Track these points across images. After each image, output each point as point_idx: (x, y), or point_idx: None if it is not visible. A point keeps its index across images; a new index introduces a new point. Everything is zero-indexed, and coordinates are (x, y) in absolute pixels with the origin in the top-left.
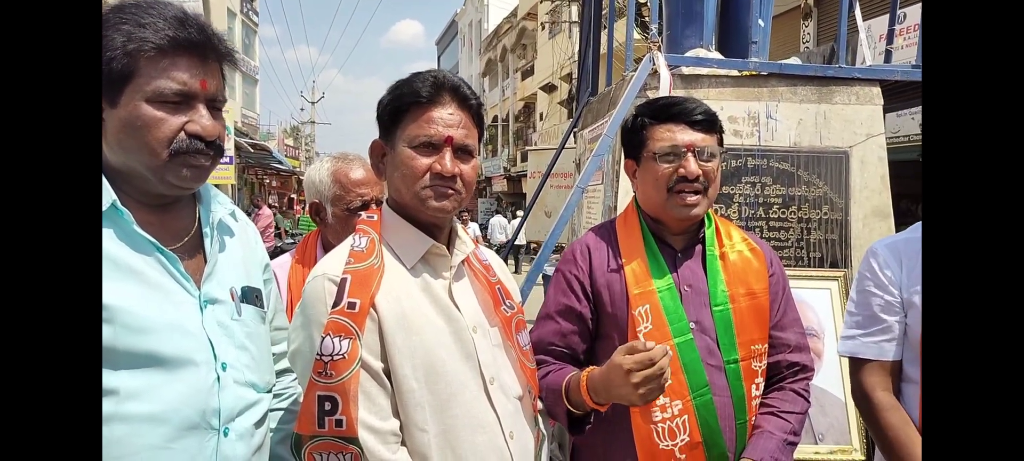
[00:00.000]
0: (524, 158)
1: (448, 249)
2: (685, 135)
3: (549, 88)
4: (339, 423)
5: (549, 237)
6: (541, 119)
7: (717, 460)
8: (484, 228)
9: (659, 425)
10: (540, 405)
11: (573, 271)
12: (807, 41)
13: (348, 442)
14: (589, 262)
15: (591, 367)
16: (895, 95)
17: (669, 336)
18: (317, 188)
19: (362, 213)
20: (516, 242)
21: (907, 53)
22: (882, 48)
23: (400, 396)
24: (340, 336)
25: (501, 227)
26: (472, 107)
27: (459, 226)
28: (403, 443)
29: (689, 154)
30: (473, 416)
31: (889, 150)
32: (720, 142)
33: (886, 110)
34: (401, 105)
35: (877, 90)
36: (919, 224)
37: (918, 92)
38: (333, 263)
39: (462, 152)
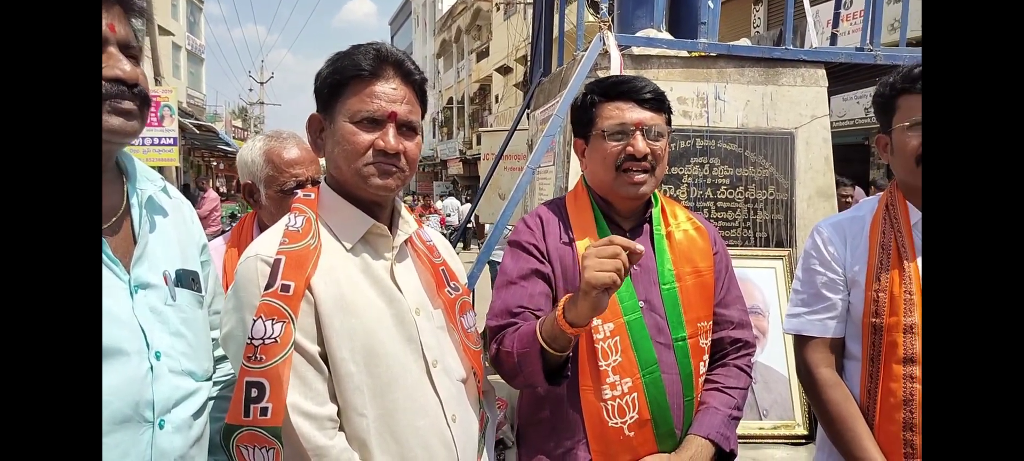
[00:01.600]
0: (480, 141)
1: (390, 229)
2: (634, 113)
3: (505, 70)
4: (264, 411)
5: (500, 218)
6: (497, 101)
7: (665, 437)
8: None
9: (609, 403)
10: (485, 387)
11: (529, 239)
12: (757, 26)
13: (272, 435)
14: (542, 231)
15: None
16: (839, 78)
17: (620, 314)
18: (249, 168)
19: (298, 194)
20: (468, 225)
21: (853, 39)
22: (829, 33)
23: (338, 380)
24: (272, 319)
25: (455, 209)
26: (416, 82)
27: (402, 205)
28: (341, 429)
29: (637, 132)
30: (414, 400)
31: (835, 134)
32: (668, 122)
33: (831, 93)
34: (342, 78)
35: (822, 72)
36: (864, 202)
37: (862, 76)
38: (266, 243)
39: (406, 128)
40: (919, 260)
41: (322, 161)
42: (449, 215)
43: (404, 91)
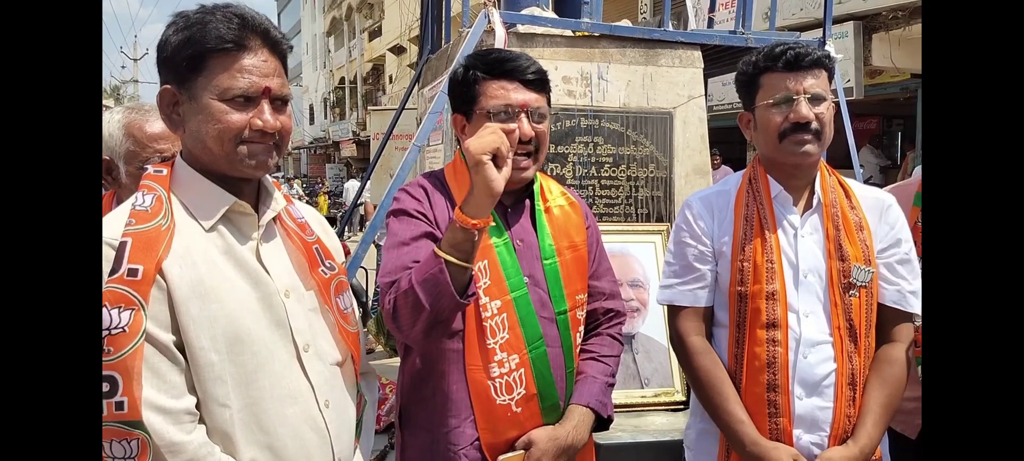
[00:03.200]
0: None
1: (256, 207)
2: (519, 94)
3: (398, 50)
4: (120, 406)
5: (385, 197)
6: (391, 82)
7: (550, 410)
8: (338, 195)
9: (496, 381)
10: (363, 369)
11: (416, 207)
12: (644, 11)
13: (132, 427)
14: (429, 200)
15: None
16: (715, 61)
17: (507, 291)
18: (107, 144)
19: (148, 169)
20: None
21: (730, 25)
22: (707, 18)
23: (196, 371)
24: (119, 307)
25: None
26: (283, 52)
27: (269, 181)
28: (202, 421)
29: (523, 114)
30: (283, 387)
31: (717, 116)
32: (549, 101)
33: (708, 76)
34: (202, 50)
35: (698, 54)
36: (730, 177)
37: (736, 58)
38: (111, 225)
39: (279, 102)
40: (780, 231)
41: None
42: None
43: (274, 62)
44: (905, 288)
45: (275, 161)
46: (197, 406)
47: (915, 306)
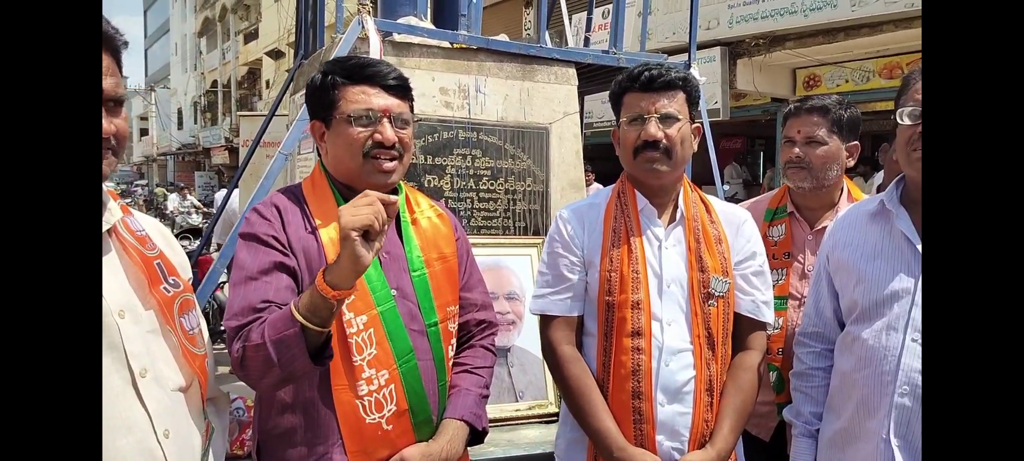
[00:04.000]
0: None
1: None
2: (380, 99)
3: (276, 54)
4: None
5: (247, 206)
6: (268, 87)
7: (422, 425)
8: (210, 205)
9: (366, 399)
10: (211, 394)
11: (266, 231)
12: (528, 28)
13: None
14: (281, 220)
15: None
16: (590, 79)
17: (373, 305)
18: None
19: None
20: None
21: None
22: (584, 38)
23: None
24: None
25: (190, 209)
26: (118, 49)
27: (103, 190)
28: None
29: (385, 119)
30: (115, 416)
31: (597, 133)
32: (412, 109)
33: (584, 93)
34: None
35: (573, 71)
36: (599, 190)
37: (609, 77)
38: None
39: (113, 104)
40: (645, 242)
41: None
42: (186, 213)
43: (108, 61)
44: (759, 298)
45: (112, 167)
46: None
47: (768, 316)
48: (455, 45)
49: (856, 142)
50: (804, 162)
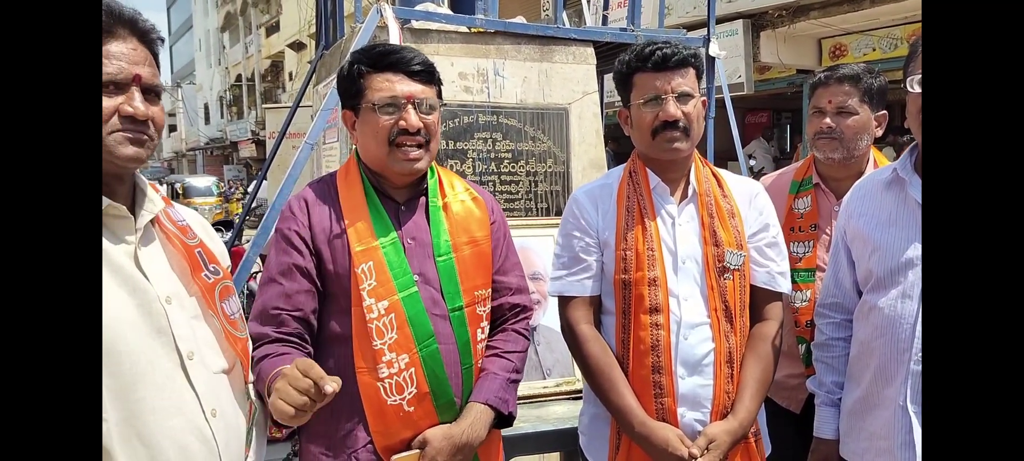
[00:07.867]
0: None
1: (132, 209)
2: (405, 85)
3: (298, 46)
4: None
5: (277, 197)
6: (291, 79)
7: (445, 408)
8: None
9: (386, 381)
10: (251, 376)
11: (292, 226)
12: (546, 8)
13: None
14: (308, 216)
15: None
16: (609, 57)
17: (394, 291)
18: None
19: None
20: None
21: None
22: (602, 16)
23: None
24: None
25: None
26: (154, 43)
27: (144, 181)
28: None
29: (409, 106)
30: (165, 397)
31: (616, 110)
32: (439, 94)
33: (602, 72)
34: None
35: (591, 50)
36: (612, 170)
37: None
38: None
39: (151, 93)
40: (659, 220)
41: None
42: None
43: (144, 52)
44: (774, 269)
45: (149, 153)
46: None
47: (784, 286)
48: (473, 30)
49: (884, 111)
50: (835, 132)
